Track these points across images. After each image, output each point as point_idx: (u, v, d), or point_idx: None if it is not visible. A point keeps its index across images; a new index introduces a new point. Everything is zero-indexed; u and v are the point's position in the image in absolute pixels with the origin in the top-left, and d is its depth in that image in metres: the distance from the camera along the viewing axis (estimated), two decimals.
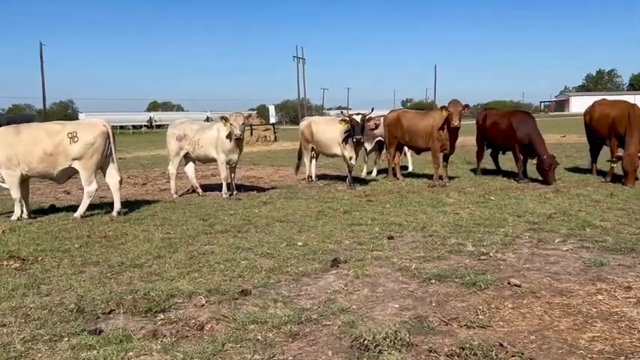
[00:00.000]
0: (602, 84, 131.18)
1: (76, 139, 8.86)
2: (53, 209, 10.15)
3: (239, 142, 10.93)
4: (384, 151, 14.03)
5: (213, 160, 11.37)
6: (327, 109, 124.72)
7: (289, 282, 5.34)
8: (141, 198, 11.40)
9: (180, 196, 11.56)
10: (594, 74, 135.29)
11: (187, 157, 11.62)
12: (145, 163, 20.57)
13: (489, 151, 13.63)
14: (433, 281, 5.10)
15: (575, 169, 13.32)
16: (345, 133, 11.76)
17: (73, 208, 9.87)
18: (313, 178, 13.36)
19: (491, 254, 5.93)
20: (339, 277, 5.44)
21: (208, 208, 9.79)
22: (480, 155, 13.56)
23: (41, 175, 9.14)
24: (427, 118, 12.50)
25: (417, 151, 13.23)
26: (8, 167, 8.82)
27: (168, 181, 14.06)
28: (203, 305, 4.79)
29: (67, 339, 4.10)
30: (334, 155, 12.71)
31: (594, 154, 12.82)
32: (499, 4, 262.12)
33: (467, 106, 11.46)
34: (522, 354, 3.43)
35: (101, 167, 9.31)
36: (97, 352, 3.81)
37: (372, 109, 12.00)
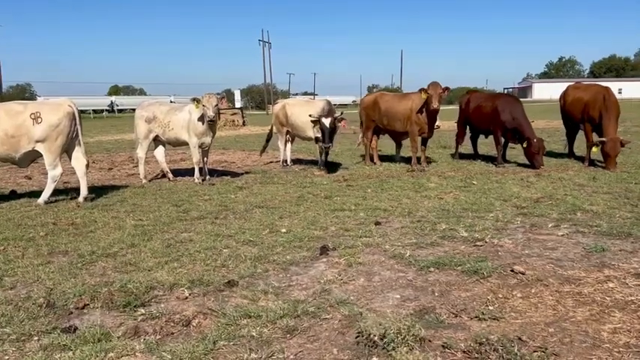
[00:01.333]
0: (563, 71, 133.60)
1: (39, 120, 8.29)
2: (14, 195, 9.55)
3: (212, 124, 10.46)
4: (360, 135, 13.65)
5: (185, 144, 10.88)
6: (294, 94, 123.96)
7: (278, 271, 4.98)
8: (108, 183, 10.85)
9: (149, 181, 11.04)
10: (556, 61, 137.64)
11: (157, 141, 11.09)
12: (109, 148, 19.83)
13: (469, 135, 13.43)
14: (432, 269, 4.81)
15: (551, 154, 13.20)
16: (318, 115, 11.38)
17: (36, 194, 9.30)
18: (288, 162, 12.97)
19: (486, 240, 5.67)
20: (331, 265, 5.11)
21: (181, 194, 9.33)
22: (460, 139, 13.35)
23: (1, 158, 8.53)
24: (405, 100, 12.18)
25: (395, 134, 12.92)
26: None
27: (136, 166, 13.55)
28: (186, 298, 4.40)
29: (37, 338, 3.68)
30: (310, 139, 12.32)
31: (571, 138, 12.75)
32: None
33: (447, 88, 11.18)
34: (545, 349, 3.16)
35: (66, 150, 8.75)
36: (73, 353, 3.40)
37: (342, 113, 11.78)
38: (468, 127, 13.06)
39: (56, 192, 8.90)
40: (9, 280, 4.90)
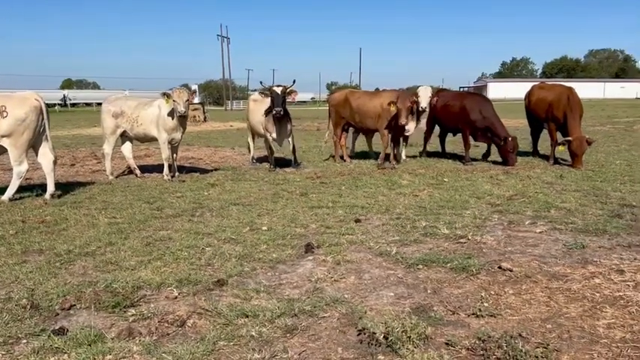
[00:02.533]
0: (517, 71, 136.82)
1: (5, 114, 7.97)
2: None
3: (182, 120, 10.29)
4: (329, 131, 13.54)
5: (153, 140, 10.66)
6: (252, 91, 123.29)
7: (266, 270, 4.93)
8: (72, 180, 10.54)
9: (116, 177, 10.78)
10: (509, 62, 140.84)
11: (124, 136, 10.83)
12: (67, 143, 19.27)
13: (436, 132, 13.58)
14: (420, 267, 4.84)
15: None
16: (267, 110, 11.15)
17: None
18: (254, 159, 12.88)
19: (469, 237, 5.74)
20: (318, 263, 5.09)
21: (151, 191, 9.14)
22: (427, 137, 13.50)
23: None
24: (377, 98, 12.24)
25: (366, 131, 12.97)
26: None
27: (100, 162, 13.27)
28: (176, 297, 4.31)
29: (25, 341, 3.55)
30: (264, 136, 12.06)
31: (535, 137, 13.06)
32: None
33: (415, 101, 11.26)
34: (547, 345, 3.21)
35: (33, 146, 8.45)
36: (68, 356, 3.29)
37: (294, 81, 11.20)
38: (436, 125, 13.22)
39: (20, 189, 8.57)
40: None
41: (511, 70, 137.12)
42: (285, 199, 8.23)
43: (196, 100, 38.42)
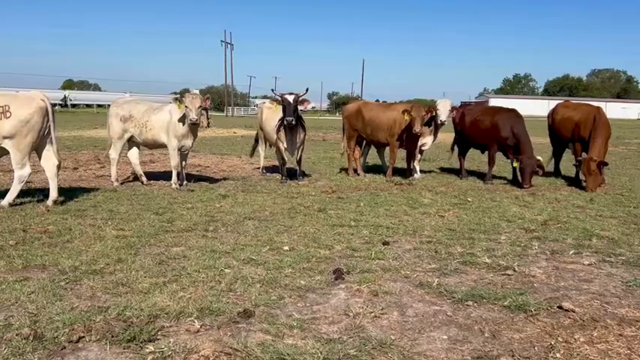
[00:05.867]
0: (518, 87, 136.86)
1: (8, 115, 7.47)
2: None
3: (194, 127, 9.79)
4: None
5: (162, 146, 10.16)
6: (253, 98, 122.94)
7: (295, 299, 4.42)
8: (75, 185, 10.02)
9: (121, 183, 10.26)
10: (511, 78, 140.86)
11: (131, 141, 10.33)
12: (69, 145, 18.80)
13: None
14: (469, 303, 4.33)
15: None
16: (279, 120, 10.68)
17: None
18: (264, 170, 12.40)
19: (515, 268, 5.24)
20: (352, 293, 4.58)
21: (160, 200, 8.63)
22: (461, 156, 12.60)
23: None
24: (390, 110, 11.80)
25: (377, 145, 12.50)
26: None
27: (104, 166, 12.77)
28: (198, 331, 3.79)
29: None
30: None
31: (557, 157, 12.58)
32: (425, 6, 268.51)
33: (430, 111, 11.00)
34: None
35: (36, 149, 7.94)
36: None
37: (307, 89, 10.75)
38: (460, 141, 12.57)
39: (19, 193, 8.02)
40: None
41: (512, 87, 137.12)
42: (303, 214, 7.73)
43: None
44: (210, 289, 4.60)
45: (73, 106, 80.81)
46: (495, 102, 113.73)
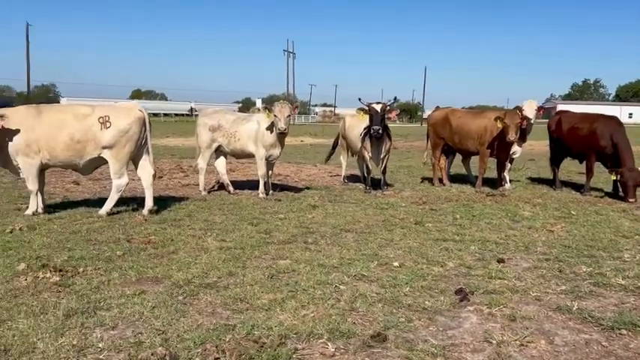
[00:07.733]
0: (588, 93, 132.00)
1: (108, 125, 7.55)
2: (69, 204, 8.81)
3: (282, 136, 9.69)
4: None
5: (250, 156, 10.11)
6: (313, 106, 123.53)
7: (424, 322, 4.14)
8: (164, 194, 10.09)
9: (208, 192, 10.28)
10: (580, 83, 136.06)
11: (218, 151, 10.32)
12: None
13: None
14: (623, 331, 3.94)
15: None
16: (365, 128, 10.48)
17: (88, 203, 8.64)
18: (345, 179, 12.21)
19: None
20: (484, 317, 4.26)
21: (250, 210, 8.54)
22: (554, 167, 11.91)
23: (64, 164, 7.81)
24: (480, 118, 11.35)
25: (465, 154, 12.08)
26: (27, 154, 7.46)
27: (188, 175, 12.90)
28: (333, 355, 3.58)
29: None
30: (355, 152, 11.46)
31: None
32: (488, 12, 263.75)
33: (525, 118, 10.51)
34: None
35: (133, 158, 8.00)
36: None
37: (395, 98, 10.67)
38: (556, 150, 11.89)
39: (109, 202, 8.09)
40: (106, 316, 4.11)
41: (581, 93, 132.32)
42: (400, 227, 7.44)
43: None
44: (332, 307, 4.39)
45: None
46: (563, 109, 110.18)
